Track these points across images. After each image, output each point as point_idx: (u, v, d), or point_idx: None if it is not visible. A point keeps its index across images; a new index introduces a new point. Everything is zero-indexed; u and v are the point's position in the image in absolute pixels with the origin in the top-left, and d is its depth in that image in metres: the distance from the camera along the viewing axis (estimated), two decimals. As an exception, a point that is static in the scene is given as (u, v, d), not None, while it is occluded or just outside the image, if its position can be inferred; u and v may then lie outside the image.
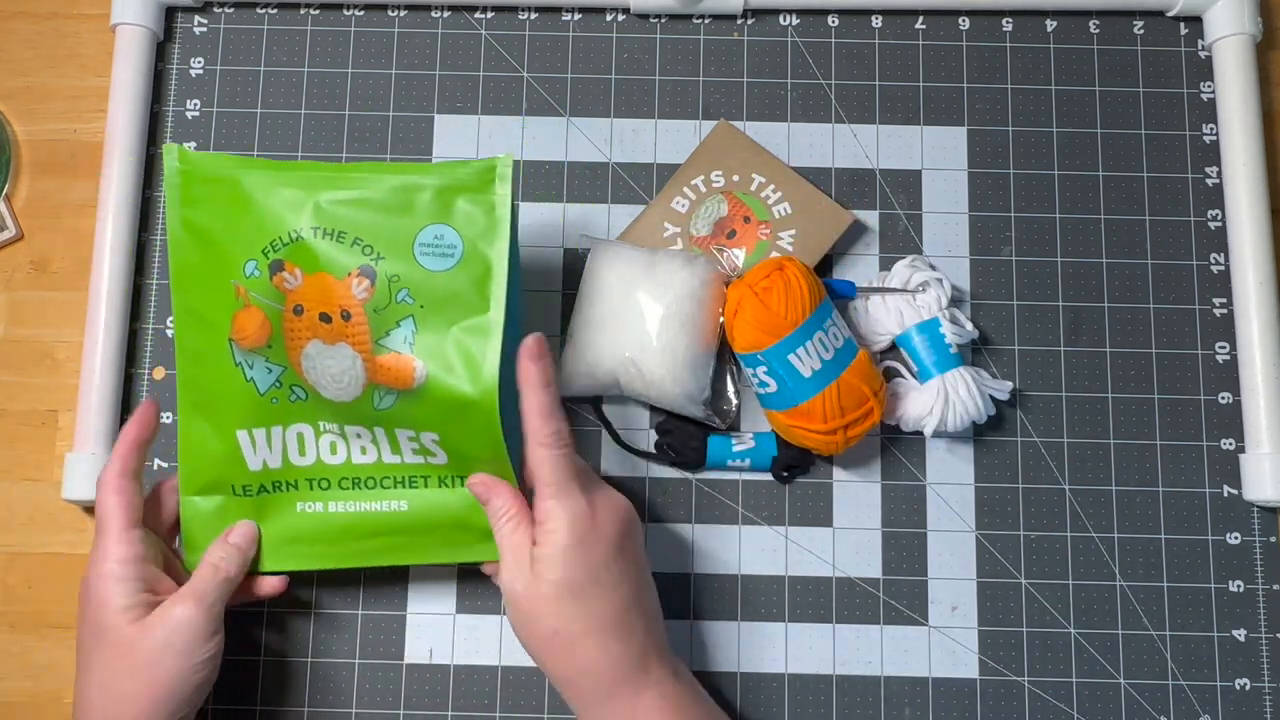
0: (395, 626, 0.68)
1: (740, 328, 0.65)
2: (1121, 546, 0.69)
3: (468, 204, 0.59)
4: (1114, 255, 0.72)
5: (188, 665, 0.57)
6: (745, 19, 0.75)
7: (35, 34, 0.75)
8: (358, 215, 0.59)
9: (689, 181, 0.71)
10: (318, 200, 0.59)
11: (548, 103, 0.74)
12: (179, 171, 0.60)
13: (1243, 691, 0.67)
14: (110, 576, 0.57)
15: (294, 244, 0.59)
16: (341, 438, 0.61)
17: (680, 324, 0.65)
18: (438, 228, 0.59)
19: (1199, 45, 0.75)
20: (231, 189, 0.59)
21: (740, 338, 0.65)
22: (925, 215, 0.72)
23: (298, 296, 0.59)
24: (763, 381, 0.65)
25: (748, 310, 0.64)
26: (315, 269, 0.59)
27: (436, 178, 0.59)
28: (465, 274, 0.59)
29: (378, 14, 0.75)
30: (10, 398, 0.71)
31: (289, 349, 0.60)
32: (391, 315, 0.58)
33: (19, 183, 0.73)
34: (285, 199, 0.59)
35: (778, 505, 0.69)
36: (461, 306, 0.59)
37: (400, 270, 0.59)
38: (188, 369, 0.61)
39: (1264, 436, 0.68)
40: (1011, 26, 0.75)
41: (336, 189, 0.59)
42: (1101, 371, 0.71)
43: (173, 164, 0.60)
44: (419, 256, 0.59)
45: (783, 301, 0.64)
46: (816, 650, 0.67)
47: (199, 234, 0.60)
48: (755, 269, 0.65)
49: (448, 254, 0.59)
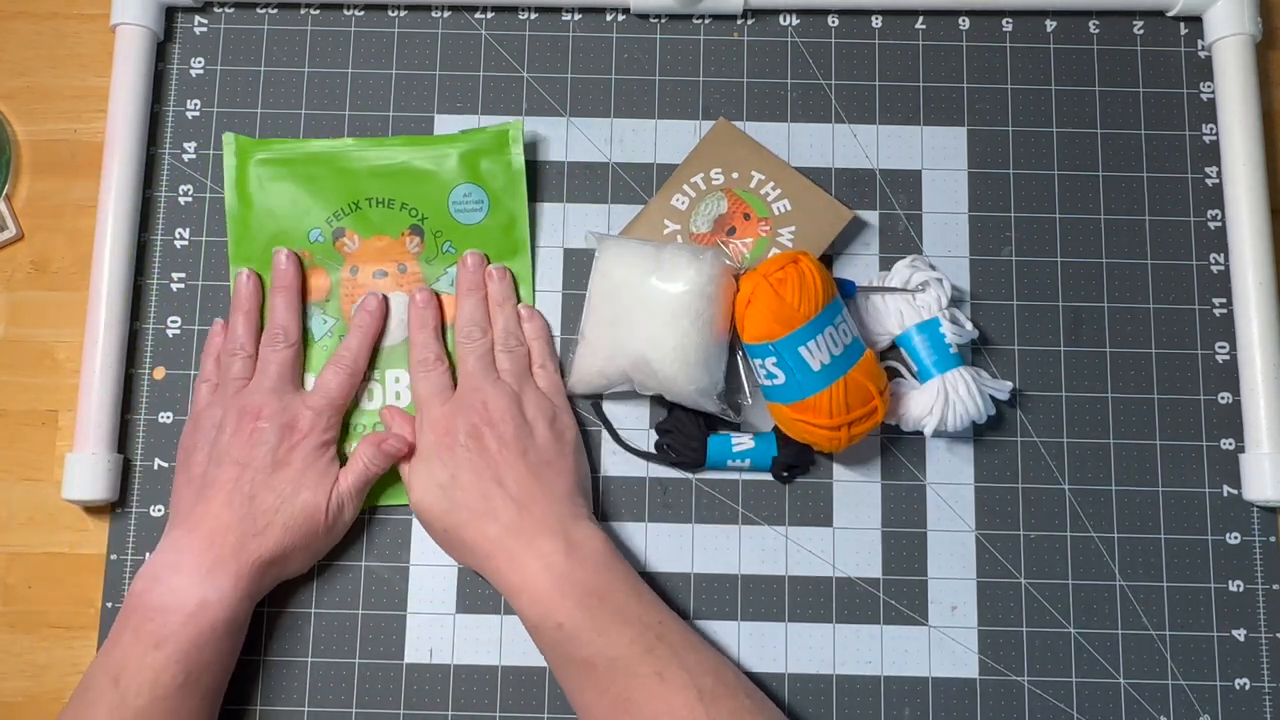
0: (395, 626, 0.68)
1: (752, 317, 0.64)
2: (1121, 546, 0.69)
3: (489, 164, 0.71)
4: (1114, 255, 0.72)
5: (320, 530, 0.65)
6: (745, 19, 0.75)
7: (35, 34, 0.75)
8: (401, 184, 0.71)
9: (689, 179, 0.71)
10: (367, 173, 0.71)
11: (548, 103, 0.74)
12: (237, 156, 0.71)
13: (1243, 691, 0.67)
14: (310, 407, 0.66)
15: (354, 213, 0.71)
16: (380, 384, 0.69)
17: (691, 319, 0.65)
18: (466, 186, 0.71)
19: (1199, 45, 0.75)
20: (294, 169, 0.71)
21: (752, 327, 0.64)
22: (925, 215, 0.72)
23: (355, 259, 0.70)
24: (770, 373, 0.64)
25: (761, 300, 0.64)
26: (371, 233, 0.70)
27: (461, 145, 0.71)
28: (494, 223, 0.71)
29: (378, 14, 0.75)
30: (10, 398, 0.71)
31: (344, 303, 0.70)
32: (440, 264, 0.71)
33: (19, 183, 0.73)
34: (343, 175, 0.71)
35: (778, 505, 0.69)
36: (495, 249, 0.71)
37: (442, 226, 0.71)
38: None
39: (1264, 436, 0.68)
40: (1011, 26, 0.75)
41: (382, 162, 0.71)
42: (1101, 371, 0.71)
43: (230, 153, 0.71)
44: (454, 213, 0.71)
45: (796, 293, 0.64)
46: (816, 650, 0.67)
47: (261, 205, 0.71)
48: (770, 260, 0.65)
49: (477, 208, 0.71)
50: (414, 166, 0.71)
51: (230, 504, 0.63)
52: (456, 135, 0.72)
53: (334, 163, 0.71)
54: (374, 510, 0.69)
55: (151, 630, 0.59)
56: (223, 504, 0.63)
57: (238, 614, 0.62)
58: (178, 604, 0.60)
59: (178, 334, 0.71)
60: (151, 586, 0.61)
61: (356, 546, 0.68)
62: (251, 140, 0.71)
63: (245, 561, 0.62)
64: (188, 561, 0.61)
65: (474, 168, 0.71)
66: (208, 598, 0.60)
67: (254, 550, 0.62)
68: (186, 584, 0.60)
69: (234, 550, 0.62)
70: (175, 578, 0.61)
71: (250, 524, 0.62)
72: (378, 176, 0.71)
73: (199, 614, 0.60)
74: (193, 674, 0.59)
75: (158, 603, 0.60)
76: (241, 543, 0.62)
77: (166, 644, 0.59)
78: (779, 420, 0.66)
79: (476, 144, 0.71)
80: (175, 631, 0.59)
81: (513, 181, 0.71)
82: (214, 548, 0.62)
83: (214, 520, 0.62)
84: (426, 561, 0.68)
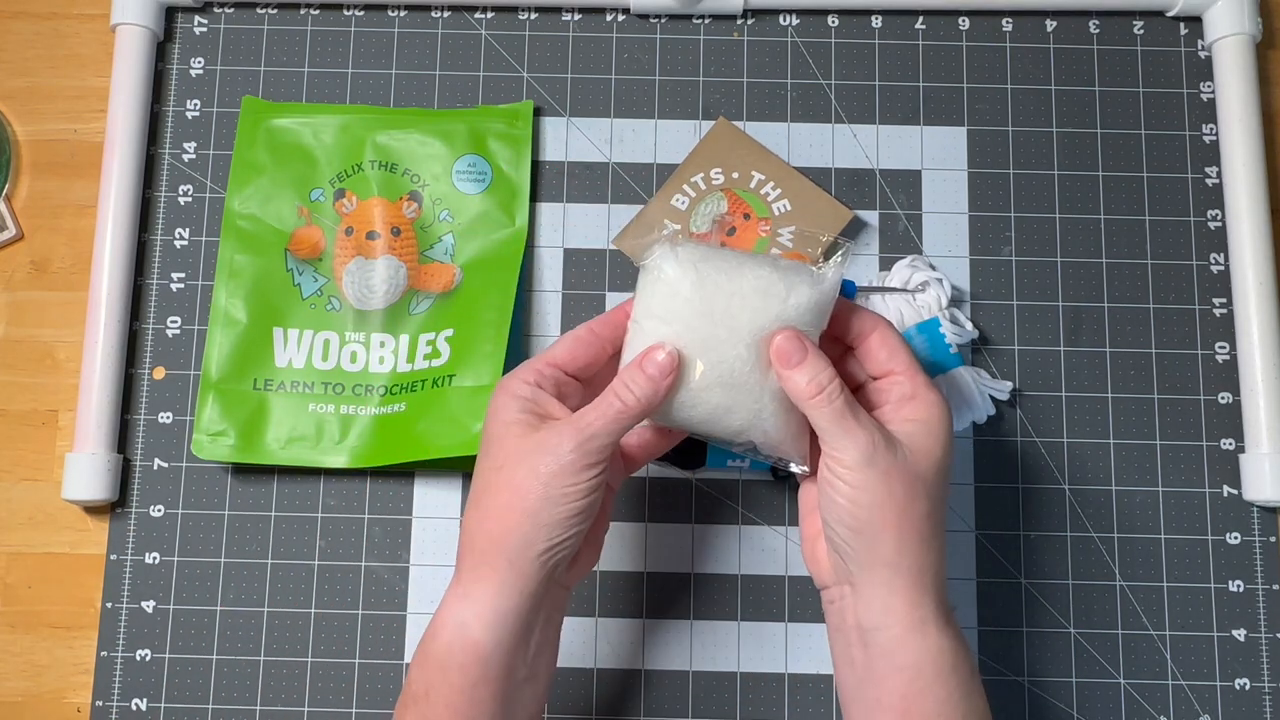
0: (395, 626, 0.68)
1: None
2: (1121, 546, 0.69)
3: (496, 140, 0.72)
4: (1114, 255, 0.72)
5: (553, 493, 0.52)
6: (745, 19, 0.75)
7: (35, 34, 0.75)
8: (406, 150, 0.72)
9: (689, 179, 0.71)
10: (374, 138, 0.72)
11: (548, 103, 0.74)
12: (253, 117, 0.73)
13: (1243, 691, 0.67)
14: (508, 390, 0.54)
15: (356, 175, 0.72)
16: (364, 346, 0.69)
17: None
18: (471, 157, 0.72)
19: (1199, 45, 0.75)
20: (304, 133, 0.72)
21: None
22: (925, 215, 0.72)
23: (351, 219, 0.71)
24: None
25: None
26: (369, 194, 0.72)
27: (471, 120, 0.72)
28: (494, 197, 0.71)
29: (378, 14, 0.75)
30: (10, 398, 0.71)
31: (335, 264, 0.71)
32: (435, 231, 0.71)
33: (19, 183, 0.73)
34: (351, 138, 0.72)
35: (778, 505, 0.69)
36: (492, 222, 0.71)
37: (441, 193, 0.72)
38: (239, 263, 0.70)
39: (1264, 436, 0.68)
40: (1011, 26, 0.75)
41: (390, 129, 0.72)
42: (1101, 371, 0.71)
43: (248, 112, 0.73)
44: (456, 182, 0.72)
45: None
46: (816, 650, 0.67)
47: (267, 162, 0.72)
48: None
49: (480, 179, 0.72)
50: (422, 135, 0.72)
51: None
52: (467, 110, 0.73)
53: (345, 129, 0.72)
54: (374, 511, 0.69)
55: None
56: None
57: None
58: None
59: (178, 334, 0.71)
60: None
61: (357, 546, 0.68)
62: (268, 104, 0.73)
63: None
64: None
65: (481, 141, 0.72)
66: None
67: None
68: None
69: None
70: None
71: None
72: (386, 142, 0.72)
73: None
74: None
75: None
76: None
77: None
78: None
79: (485, 120, 0.72)
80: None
81: (516, 159, 0.72)
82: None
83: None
84: (426, 561, 0.68)
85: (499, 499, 0.53)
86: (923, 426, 0.54)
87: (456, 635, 0.53)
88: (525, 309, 0.71)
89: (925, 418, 0.54)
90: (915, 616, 0.52)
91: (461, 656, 0.52)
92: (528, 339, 0.71)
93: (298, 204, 0.71)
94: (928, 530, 0.53)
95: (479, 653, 0.52)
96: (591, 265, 0.72)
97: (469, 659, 0.52)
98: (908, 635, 0.52)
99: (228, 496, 0.69)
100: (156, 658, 0.67)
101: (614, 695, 0.67)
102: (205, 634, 0.67)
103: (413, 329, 0.70)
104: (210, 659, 0.67)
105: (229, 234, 0.71)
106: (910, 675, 0.52)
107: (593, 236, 0.72)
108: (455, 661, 0.52)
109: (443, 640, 0.53)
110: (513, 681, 0.54)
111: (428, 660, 0.53)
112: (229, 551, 0.68)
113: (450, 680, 0.52)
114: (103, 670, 0.67)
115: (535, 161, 0.73)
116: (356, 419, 0.68)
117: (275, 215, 0.71)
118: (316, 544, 0.68)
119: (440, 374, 0.68)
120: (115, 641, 0.67)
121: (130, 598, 0.68)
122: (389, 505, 0.69)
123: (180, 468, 0.69)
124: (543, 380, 0.55)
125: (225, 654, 0.67)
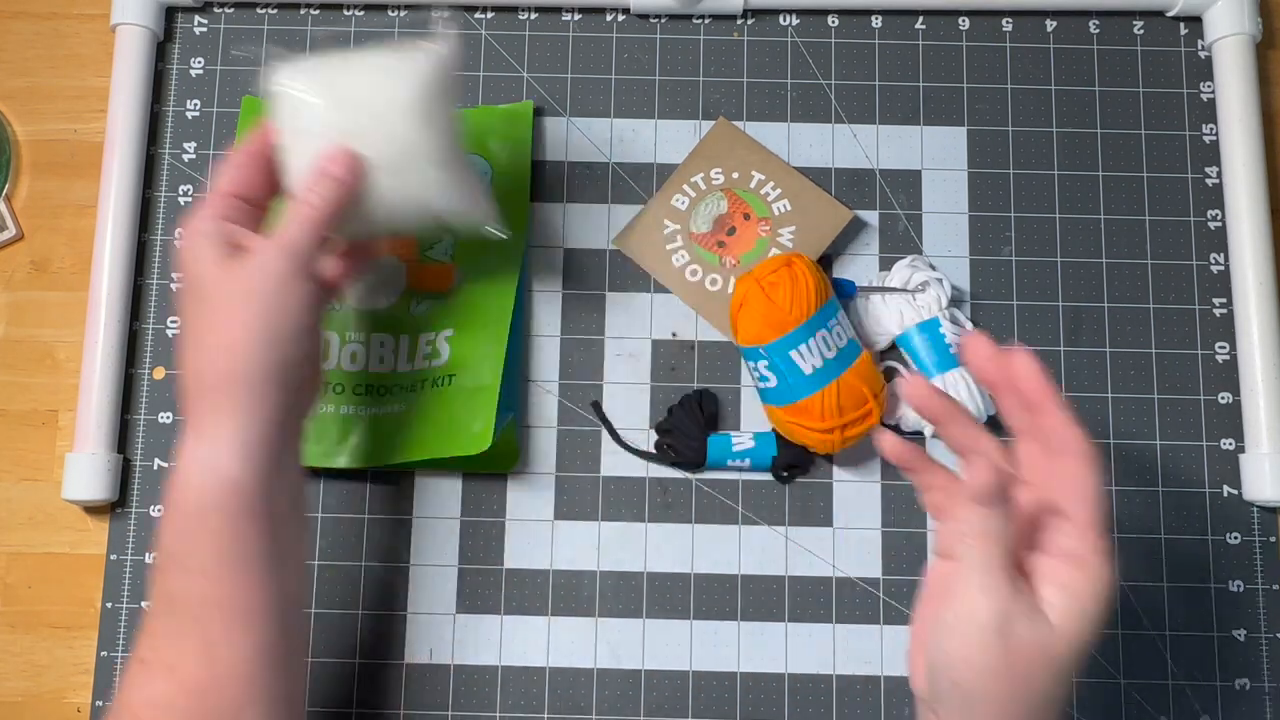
0: (395, 626, 0.68)
1: (744, 321, 0.65)
2: (1121, 546, 0.69)
3: (496, 140, 0.72)
4: (1114, 255, 0.72)
5: (275, 308, 0.51)
6: (745, 19, 0.75)
7: (35, 34, 0.75)
8: None
9: (689, 179, 0.71)
10: None
11: (548, 103, 0.74)
12: (253, 117, 0.72)
13: (1243, 691, 0.67)
14: (196, 231, 0.53)
15: None
16: (364, 345, 0.69)
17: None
18: (471, 157, 0.70)
19: (1199, 45, 0.75)
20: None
21: (744, 331, 0.65)
22: (925, 215, 0.72)
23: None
24: (763, 376, 0.65)
25: (753, 304, 0.64)
26: None
27: (470, 120, 0.71)
28: (493, 194, 0.68)
29: (378, 14, 0.75)
30: (10, 398, 0.71)
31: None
32: (435, 231, 0.68)
33: (19, 183, 0.73)
34: None
35: (778, 505, 0.69)
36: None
37: None
38: None
39: (1264, 436, 0.68)
40: (1011, 26, 0.75)
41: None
42: (1101, 371, 0.71)
43: (250, 111, 0.72)
44: None
45: (788, 297, 0.64)
46: (816, 650, 0.67)
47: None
48: (764, 263, 0.65)
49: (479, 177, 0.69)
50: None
51: None
52: (467, 110, 0.72)
53: None
54: (374, 511, 0.69)
55: None
56: None
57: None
58: None
59: (178, 334, 0.71)
60: None
61: (357, 546, 0.68)
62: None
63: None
64: None
65: (481, 141, 0.72)
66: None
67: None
68: None
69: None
70: None
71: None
72: None
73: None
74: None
75: None
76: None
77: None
78: (773, 422, 0.67)
79: (486, 120, 0.72)
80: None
81: (516, 158, 0.72)
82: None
83: None
84: (426, 561, 0.68)
85: (223, 333, 0.51)
86: (1076, 605, 0.46)
87: (209, 477, 0.50)
88: (525, 309, 0.71)
89: (1085, 594, 0.46)
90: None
91: (218, 495, 0.50)
92: (528, 339, 0.71)
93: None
94: (1037, 713, 0.46)
95: (237, 487, 0.50)
96: (591, 265, 0.72)
97: (226, 495, 0.50)
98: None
99: (228, 496, 0.69)
100: (156, 658, 0.67)
101: (614, 695, 0.67)
102: (205, 634, 0.67)
103: (412, 329, 0.69)
104: (210, 659, 0.67)
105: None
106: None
107: (593, 236, 0.72)
108: (211, 502, 0.50)
109: (193, 486, 0.50)
110: (276, 516, 0.51)
111: (177, 514, 0.50)
112: (229, 551, 0.68)
113: (210, 525, 0.49)
114: (103, 670, 0.67)
115: (535, 161, 0.73)
116: (356, 419, 0.68)
117: (272, 217, 0.71)
118: (317, 544, 0.68)
119: (440, 374, 0.68)
120: (115, 641, 0.67)
121: (130, 598, 0.68)
122: (389, 505, 0.69)
123: (180, 468, 0.69)
124: (226, 212, 0.54)
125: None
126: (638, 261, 0.71)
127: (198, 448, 0.51)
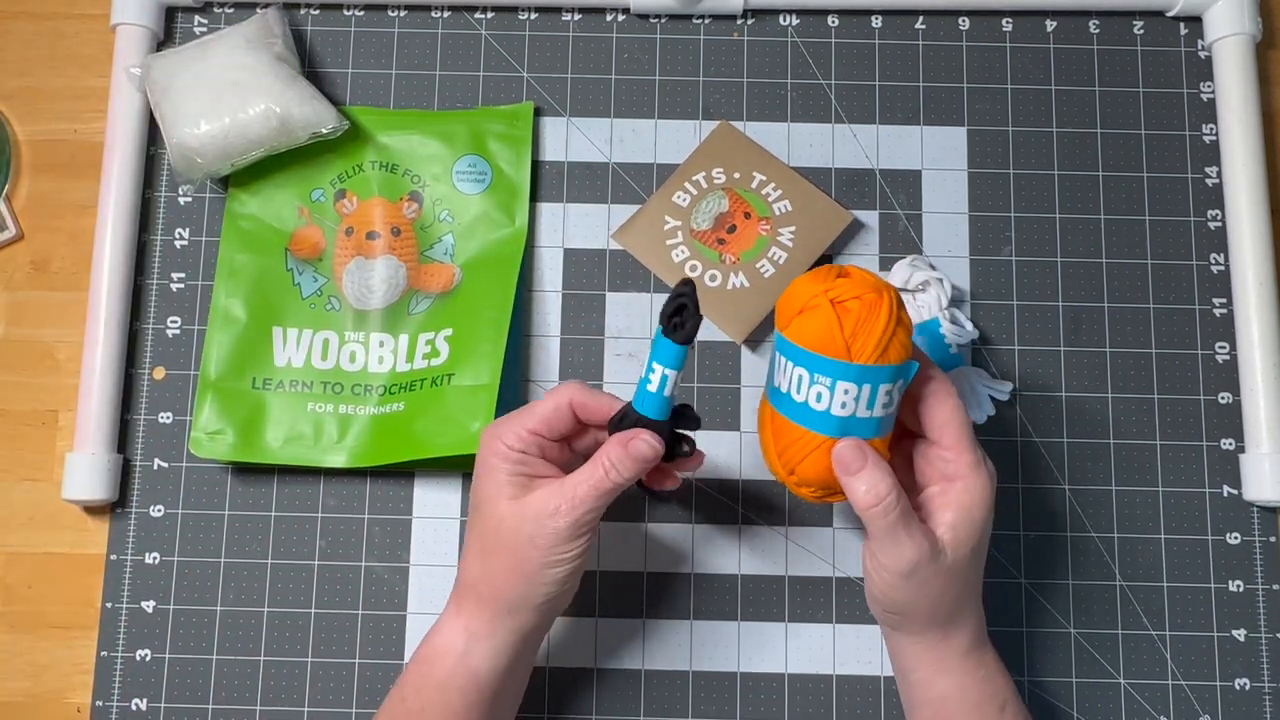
0: (395, 626, 0.68)
1: (799, 318, 0.55)
2: (1121, 546, 0.69)
3: (496, 141, 0.72)
4: (1114, 255, 0.72)
5: (549, 560, 0.56)
6: (745, 19, 0.75)
7: (35, 34, 0.75)
8: (407, 150, 0.72)
9: (690, 177, 0.71)
10: (375, 139, 0.73)
11: (548, 103, 0.74)
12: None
13: (1243, 691, 0.67)
14: (496, 452, 0.57)
15: (356, 175, 0.72)
16: (363, 346, 0.70)
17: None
18: (471, 157, 0.72)
19: (1199, 45, 0.75)
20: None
21: (793, 326, 0.55)
22: (925, 215, 0.72)
23: (351, 220, 0.72)
24: (782, 368, 0.56)
25: (818, 313, 0.54)
26: (369, 195, 0.72)
27: (471, 121, 0.73)
28: (494, 197, 0.72)
29: (378, 14, 0.75)
30: (10, 398, 0.71)
31: (335, 264, 0.71)
32: (435, 231, 0.71)
33: (19, 183, 0.73)
34: (351, 138, 0.72)
35: (778, 505, 0.69)
36: (492, 223, 0.71)
37: (441, 194, 0.72)
38: (240, 262, 0.71)
39: (1264, 436, 0.68)
40: (1011, 26, 0.75)
41: (390, 130, 0.73)
42: (1101, 371, 0.71)
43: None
44: (457, 182, 0.72)
45: (861, 331, 0.54)
46: (816, 650, 0.67)
47: (267, 162, 0.71)
48: (859, 277, 0.55)
49: (479, 179, 0.72)
50: (422, 135, 0.72)
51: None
52: (469, 111, 0.73)
53: (346, 129, 0.71)
54: (374, 511, 0.69)
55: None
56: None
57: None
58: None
59: (178, 334, 0.71)
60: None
61: (357, 546, 0.68)
62: None
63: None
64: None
65: (481, 141, 0.72)
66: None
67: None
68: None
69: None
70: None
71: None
72: (387, 143, 0.72)
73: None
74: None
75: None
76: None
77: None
78: (760, 412, 0.59)
79: (486, 121, 0.72)
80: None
81: (516, 159, 0.72)
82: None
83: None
84: (426, 561, 0.68)
85: (499, 561, 0.57)
86: (965, 515, 0.56)
87: (459, 665, 0.58)
88: (525, 309, 0.71)
89: (968, 504, 0.56)
90: (940, 663, 0.59)
91: (462, 682, 0.57)
92: (527, 339, 0.71)
93: (298, 204, 0.72)
94: (958, 604, 0.58)
95: (478, 681, 0.58)
96: (591, 265, 0.72)
97: (468, 684, 0.57)
98: (933, 677, 0.59)
99: (228, 497, 0.69)
100: (156, 658, 0.67)
101: (614, 695, 0.67)
102: (205, 634, 0.67)
103: (412, 328, 0.70)
104: (210, 659, 0.67)
105: (230, 233, 0.71)
106: (936, 707, 0.59)
107: (593, 236, 0.72)
108: (455, 685, 0.57)
109: (444, 667, 0.58)
110: (503, 696, 0.60)
111: (426, 682, 0.58)
112: (229, 552, 0.68)
113: (449, 701, 0.57)
114: (103, 670, 0.67)
115: (535, 161, 0.73)
116: (355, 418, 0.68)
117: (276, 215, 0.71)
118: (316, 544, 0.68)
119: (439, 373, 0.68)
120: (115, 641, 0.67)
121: (130, 598, 0.68)
122: (389, 505, 0.69)
123: (180, 468, 0.69)
124: (527, 446, 0.57)
125: (225, 654, 0.67)
126: (637, 257, 0.71)
127: (457, 634, 0.58)
